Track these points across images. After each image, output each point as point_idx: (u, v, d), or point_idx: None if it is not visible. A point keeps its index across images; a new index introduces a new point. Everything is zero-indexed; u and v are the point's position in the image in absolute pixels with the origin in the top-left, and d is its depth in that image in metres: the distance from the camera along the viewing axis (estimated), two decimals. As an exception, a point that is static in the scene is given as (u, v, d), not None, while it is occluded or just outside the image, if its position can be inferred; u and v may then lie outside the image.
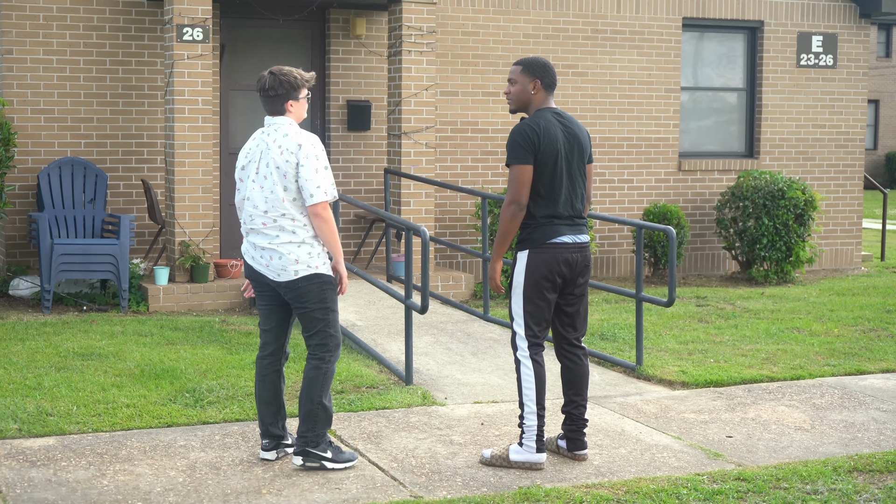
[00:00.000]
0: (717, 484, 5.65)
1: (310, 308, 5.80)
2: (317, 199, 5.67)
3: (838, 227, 14.23)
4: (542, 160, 5.82)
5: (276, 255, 5.76)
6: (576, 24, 12.82)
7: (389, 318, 9.64)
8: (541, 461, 5.91)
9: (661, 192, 13.28)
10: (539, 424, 5.89)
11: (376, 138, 12.20)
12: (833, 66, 13.99)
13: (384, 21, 12.13)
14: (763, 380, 7.99)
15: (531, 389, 5.89)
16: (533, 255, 5.89)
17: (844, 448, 6.41)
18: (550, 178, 5.85)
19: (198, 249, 10.59)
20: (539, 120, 5.87)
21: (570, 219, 5.93)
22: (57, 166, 10.79)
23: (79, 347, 8.55)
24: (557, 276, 5.90)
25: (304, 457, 5.82)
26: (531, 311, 5.92)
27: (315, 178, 5.67)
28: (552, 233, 5.88)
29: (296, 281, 5.76)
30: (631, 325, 9.71)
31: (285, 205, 5.73)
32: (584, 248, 6.00)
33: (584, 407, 6.12)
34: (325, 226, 5.71)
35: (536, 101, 5.97)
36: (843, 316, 10.45)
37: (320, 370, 5.82)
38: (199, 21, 10.54)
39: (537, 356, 5.93)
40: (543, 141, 5.81)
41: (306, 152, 5.69)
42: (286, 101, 5.83)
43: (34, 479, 5.61)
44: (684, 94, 13.54)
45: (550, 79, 5.98)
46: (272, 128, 5.84)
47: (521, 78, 5.97)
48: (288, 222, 5.75)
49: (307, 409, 5.82)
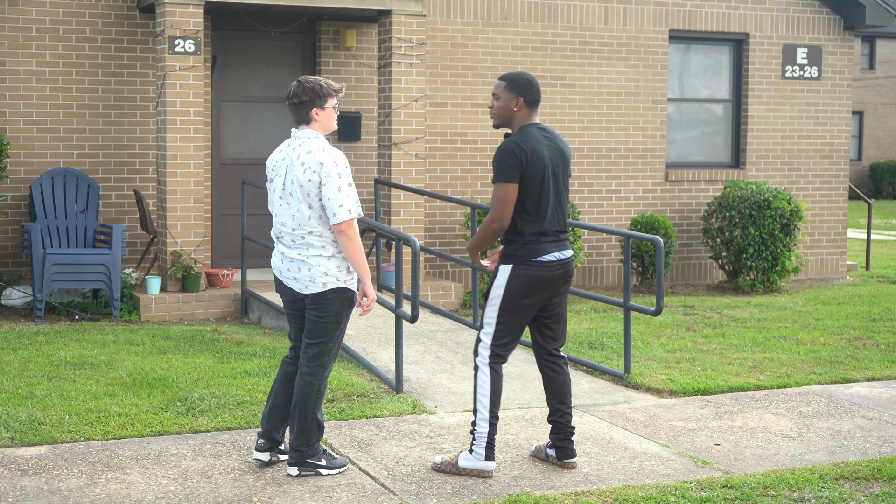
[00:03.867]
0: (705, 491, 5.67)
1: (324, 319, 5.79)
2: (340, 219, 5.64)
3: (823, 236, 14.31)
4: (529, 177, 5.80)
5: (306, 267, 5.75)
6: (563, 37, 12.89)
7: (380, 326, 9.65)
8: (489, 469, 5.91)
9: (648, 202, 13.35)
10: (490, 433, 5.90)
11: (367, 149, 12.25)
12: (818, 78, 14.09)
13: (374, 33, 12.18)
14: (750, 388, 8.01)
15: (486, 397, 5.89)
16: (516, 270, 5.89)
17: (831, 456, 6.42)
18: (538, 195, 5.84)
19: (189, 259, 10.62)
20: (526, 138, 5.84)
21: (555, 234, 5.94)
22: (49, 176, 10.82)
23: (71, 356, 8.54)
24: (538, 292, 5.91)
25: (299, 466, 5.85)
26: (504, 324, 5.93)
27: (338, 197, 5.64)
28: (538, 251, 5.88)
29: (323, 293, 5.75)
30: (619, 333, 9.75)
31: (311, 223, 5.71)
32: (568, 263, 6.00)
33: (570, 415, 6.13)
34: (349, 244, 5.68)
35: (519, 117, 5.94)
36: (829, 325, 10.50)
37: (313, 387, 5.83)
38: (190, 33, 10.58)
39: (496, 366, 5.94)
40: (531, 159, 5.79)
41: (328, 170, 5.65)
42: (311, 109, 5.77)
43: (26, 488, 5.59)
44: (671, 105, 13.62)
45: (534, 96, 5.93)
46: (298, 142, 5.80)
47: (503, 94, 5.94)
48: (316, 239, 5.74)
49: (301, 424, 5.83)
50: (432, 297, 11.19)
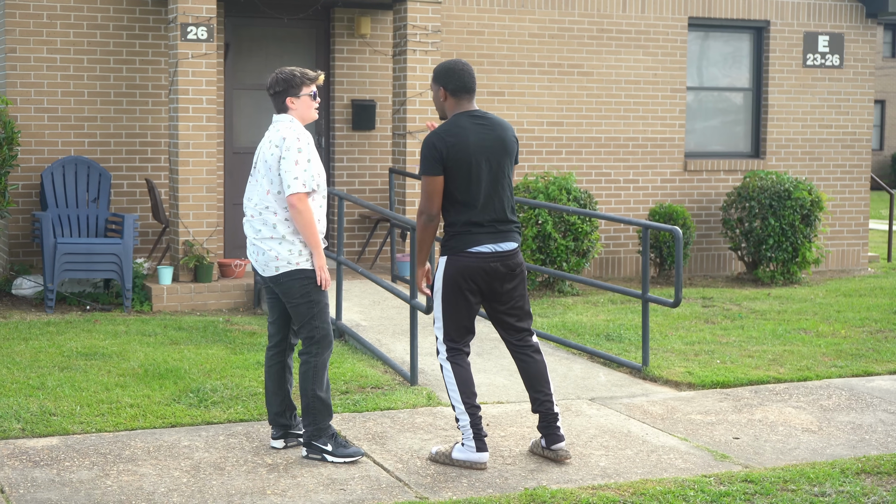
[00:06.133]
0: (724, 486, 5.62)
1: (294, 302, 5.96)
2: (293, 190, 5.81)
3: (845, 227, 14.19)
4: (453, 167, 5.73)
5: (260, 252, 5.97)
6: (581, 24, 12.78)
7: (394, 318, 9.60)
8: (482, 461, 5.87)
9: (666, 192, 13.24)
10: (474, 423, 5.85)
11: (381, 138, 12.17)
12: (839, 66, 13.95)
13: (389, 20, 12.09)
14: (770, 381, 7.95)
15: (455, 390, 5.89)
16: (450, 261, 5.86)
17: (852, 450, 6.37)
18: (466, 184, 5.76)
19: (201, 249, 10.56)
20: (450, 127, 5.77)
21: (491, 225, 5.83)
22: (60, 165, 10.76)
23: (82, 347, 8.52)
24: (473, 283, 5.84)
25: (307, 448, 5.99)
26: (449, 315, 5.91)
27: (293, 170, 5.81)
28: (470, 241, 5.81)
29: (277, 276, 5.95)
30: (637, 325, 9.67)
31: (268, 198, 5.91)
32: (507, 256, 5.87)
33: (551, 402, 6.02)
34: (300, 217, 5.82)
35: (448, 107, 5.87)
36: (850, 317, 10.41)
37: (309, 364, 5.97)
38: (203, 20, 10.51)
39: (456, 359, 5.92)
40: (451, 149, 5.71)
41: (288, 145, 5.85)
42: (285, 98, 5.98)
43: (37, 480, 5.59)
44: (690, 94, 13.50)
45: (456, 83, 5.81)
46: (273, 126, 6.03)
47: (433, 86, 5.92)
48: (270, 216, 5.91)
49: (304, 403, 5.99)
50: (447, 287, 11.08)
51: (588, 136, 12.84)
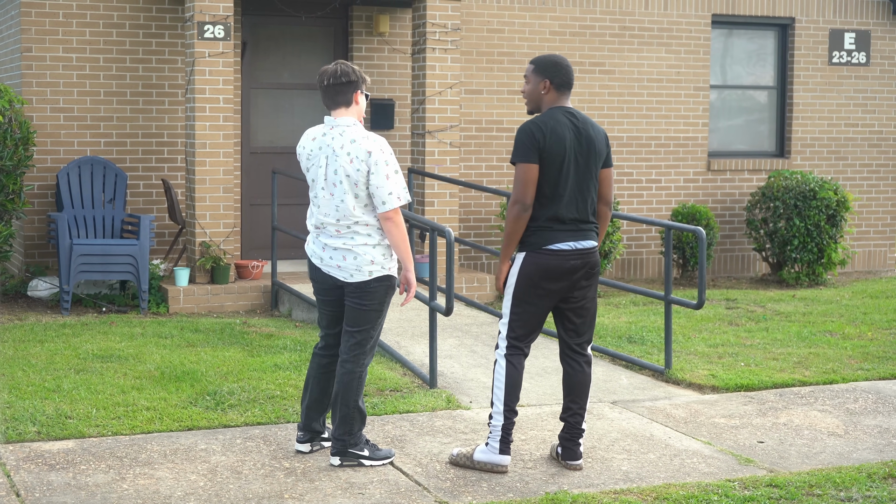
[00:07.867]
0: (749, 490, 5.57)
1: (367, 307, 5.78)
2: (389, 206, 5.64)
3: (871, 228, 14.03)
4: (547, 159, 5.69)
5: (352, 255, 5.73)
6: (603, 21, 12.66)
7: (413, 319, 9.54)
8: (503, 463, 5.82)
9: (689, 192, 13.12)
10: (505, 426, 5.80)
11: (400, 137, 12.09)
12: (866, 64, 13.79)
13: (408, 18, 12.01)
14: (795, 384, 7.86)
15: (501, 389, 5.81)
16: (528, 258, 5.78)
17: (879, 454, 6.30)
18: (556, 178, 5.71)
19: (218, 250, 10.50)
20: (547, 119, 5.75)
21: (573, 223, 5.79)
22: (76, 165, 10.71)
23: (98, 349, 8.47)
24: (551, 282, 5.77)
25: (341, 456, 5.84)
26: (518, 314, 5.83)
27: (387, 185, 5.62)
28: (550, 238, 5.75)
29: (369, 282, 5.75)
30: (659, 327, 9.55)
31: (356, 213, 5.69)
32: (587, 254, 5.84)
33: (581, 416, 5.97)
34: (396, 230, 5.68)
35: (547, 100, 5.85)
36: (877, 319, 10.29)
37: (354, 374, 5.82)
38: (220, 18, 10.44)
39: (513, 359, 5.83)
40: (549, 140, 5.68)
41: (376, 159, 5.62)
42: (354, 91, 5.74)
43: (53, 483, 5.56)
44: (713, 92, 13.37)
45: (562, 78, 5.83)
46: (337, 130, 5.74)
47: (532, 77, 5.87)
48: (362, 228, 5.73)
49: (343, 413, 5.82)
50: (467, 289, 11.01)
51: (610, 135, 12.72)
